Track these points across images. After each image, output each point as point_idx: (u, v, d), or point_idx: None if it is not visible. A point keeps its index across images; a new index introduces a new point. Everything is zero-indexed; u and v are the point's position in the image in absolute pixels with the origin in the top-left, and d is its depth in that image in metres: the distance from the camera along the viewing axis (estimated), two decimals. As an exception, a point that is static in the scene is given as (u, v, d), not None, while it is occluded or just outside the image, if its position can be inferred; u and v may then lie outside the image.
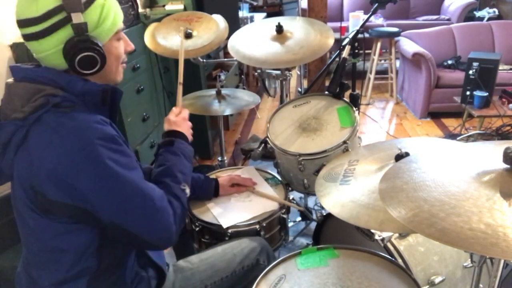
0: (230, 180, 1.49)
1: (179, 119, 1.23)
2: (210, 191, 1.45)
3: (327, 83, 1.82)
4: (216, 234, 1.36)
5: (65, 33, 0.88)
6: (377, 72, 4.23)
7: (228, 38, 1.89)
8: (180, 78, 1.41)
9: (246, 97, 2.07)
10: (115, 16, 0.96)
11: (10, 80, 0.92)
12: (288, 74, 1.97)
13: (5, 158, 0.90)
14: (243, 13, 4.34)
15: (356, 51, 1.89)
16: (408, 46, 3.76)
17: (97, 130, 0.87)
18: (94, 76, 0.95)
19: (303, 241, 2.08)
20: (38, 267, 0.97)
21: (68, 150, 0.84)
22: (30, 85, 0.89)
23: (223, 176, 1.53)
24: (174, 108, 1.28)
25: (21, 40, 0.84)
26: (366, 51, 3.87)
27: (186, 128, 1.22)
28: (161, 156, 1.11)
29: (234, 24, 3.23)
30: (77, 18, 0.87)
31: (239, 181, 1.50)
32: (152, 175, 1.07)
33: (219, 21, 1.97)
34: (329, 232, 1.48)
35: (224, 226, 1.33)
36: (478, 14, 5.20)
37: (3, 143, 0.88)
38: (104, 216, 0.88)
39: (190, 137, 1.22)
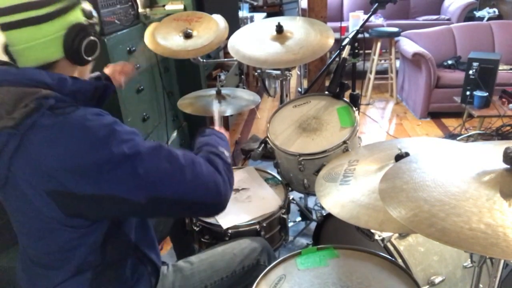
0: (113, 70, 1.46)
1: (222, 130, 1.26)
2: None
3: (327, 83, 1.82)
4: (216, 234, 1.36)
5: (69, 18, 0.87)
6: (377, 72, 4.23)
7: (228, 38, 1.89)
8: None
9: (246, 96, 2.07)
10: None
11: None
12: (288, 74, 1.97)
13: None
14: (243, 13, 4.34)
15: (356, 51, 1.89)
16: (408, 46, 3.76)
17: (98, 119, 0.85)
18: (80, 69, 0.94)
19: (303, 241, 2.08)
20: (46, 267, 0.97)
21: (79, 147, 0.82)
22: (15, 89, 0.82)
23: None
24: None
25: None
26: (366, 51, 3.87)
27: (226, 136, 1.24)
28: (195, 142, 1.13)
29: (234, 24, 3.23)
30: (85, 4, 0.89)
31: (115, 68, 1.47)
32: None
33: (219, 21, 1.97)
34: (329, 232, 1.48)
35: (224, 227, 1.33)
36: (478, 14, 5.20)
37: None
38: (140, 197, 0.85)
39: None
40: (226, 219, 1.37)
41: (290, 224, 2.07)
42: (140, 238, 1.04)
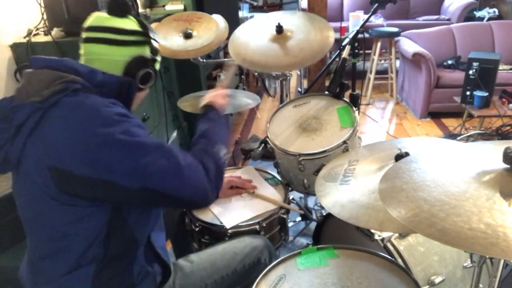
0: (229, 182, 1.49)
1: (217, 94, 1.31)
2: None
3: (327, 83, 1.83)
4: (216, 234, 1.36)
5: (137, 50, 1.03)
6: (377, 72, 4.23)
7: (228, 38, 1.89)
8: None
9: (246, 98, 2.07)
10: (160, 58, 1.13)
11: (29, 70, 0.96)
12: (288, 74, 1.97)
13: (16, 141, 0.90)
14: (243, 13, 4.34)
15: (356, 51, 1.89)
16: (408, 46, 3.76)
17: (113, 107, 0.92)
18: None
19: (303, 241, 2.08)
20: (48, 259, 0.97)
21: (86, 125, 0.88)
22: (51, 72, 0.93)
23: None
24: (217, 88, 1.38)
25: (21, 40, 0.85)
26: (366, 51, 3.87)
27: (223, 102, 1.29)
28: (196, 128, 1.17)
29: (234, 24, 3.22)
30: (154, 44, 1.07)
31: (238, 184, 1.50)
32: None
33: (219, 21, 1.97)
34: (329, 232, 1.48)
35: (228, 227, 1.33)
36: (478, 14, 5.20)
37: (17, 125, 0.90)
38: (133, 183, 0.89)
39: (224, 102, 1.30)
40: (229, 218, 1.37)
41: (290, 224, 2.07)
42: (149, 234, 1.05)
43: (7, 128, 0.91)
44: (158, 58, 1.10)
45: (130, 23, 1.02)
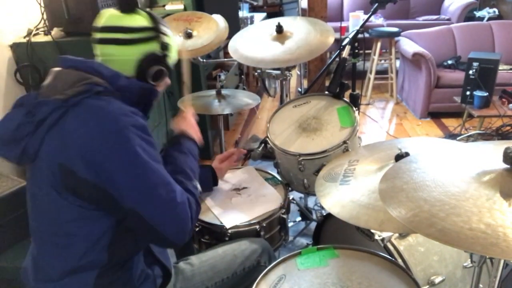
0: (217, 160, 1.54)
1: (185, 119, 1.28)
2: (209, 180, 1.47)
3: (327, 83, 1.83)
4: (216, 234, 1.36)
5: (147, 47, 1.02)
6: (377, 72, 4.23)
7: (228, 38, 1.89)
8: (185, 78, 1.48)
9: (246, 98, 2.07)
10: (176, 50, 1.11)
11: (57, 68, 0.99)
12: (288, 74, 1.97)
13: (35, 136, 0.92)
14: (243, 13, 4.34)
15: (356, 51, 1.89)
16: (408, 46, 3.76)
17: (133, 118, 0.92)
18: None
19: (303, 241, 2.08)
20: (48, 255, 0.98)
21: (102, 131, 0.89)
22: (77, 72, 0.96)
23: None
24: (181, 109, 1.34)
25: (21, 40, 0.85)
26: (366, 51, 3.86)
27: (192, 128, 1.26)
28: (169, 155, 1.14)
29: (234, 24, 3.23)
30: (164, 39, 1.04)
31: (225, 156, 1.56)
32: None
33: (219, 21, 1.97)
34: (329, 232, 1.48)
35: (228, 227, 1.33)
36: (478, 14, 5.20)
37: (38, 120, 0.91)
38: (127, 202, 0.90)
39: (198, 135, 1.25)
40: (229, 218, 1.37)
41: (290, 224, 2.07)
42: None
43: (29, 122, 0.92)
44: (171, 54, 1.08)
45: (139, 19, 1.02)
